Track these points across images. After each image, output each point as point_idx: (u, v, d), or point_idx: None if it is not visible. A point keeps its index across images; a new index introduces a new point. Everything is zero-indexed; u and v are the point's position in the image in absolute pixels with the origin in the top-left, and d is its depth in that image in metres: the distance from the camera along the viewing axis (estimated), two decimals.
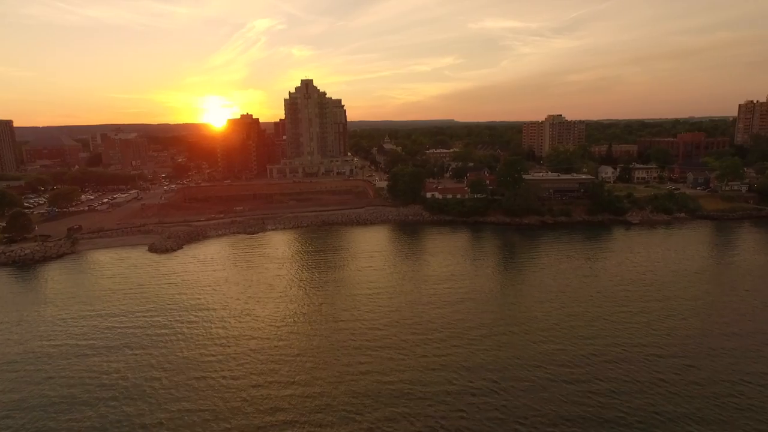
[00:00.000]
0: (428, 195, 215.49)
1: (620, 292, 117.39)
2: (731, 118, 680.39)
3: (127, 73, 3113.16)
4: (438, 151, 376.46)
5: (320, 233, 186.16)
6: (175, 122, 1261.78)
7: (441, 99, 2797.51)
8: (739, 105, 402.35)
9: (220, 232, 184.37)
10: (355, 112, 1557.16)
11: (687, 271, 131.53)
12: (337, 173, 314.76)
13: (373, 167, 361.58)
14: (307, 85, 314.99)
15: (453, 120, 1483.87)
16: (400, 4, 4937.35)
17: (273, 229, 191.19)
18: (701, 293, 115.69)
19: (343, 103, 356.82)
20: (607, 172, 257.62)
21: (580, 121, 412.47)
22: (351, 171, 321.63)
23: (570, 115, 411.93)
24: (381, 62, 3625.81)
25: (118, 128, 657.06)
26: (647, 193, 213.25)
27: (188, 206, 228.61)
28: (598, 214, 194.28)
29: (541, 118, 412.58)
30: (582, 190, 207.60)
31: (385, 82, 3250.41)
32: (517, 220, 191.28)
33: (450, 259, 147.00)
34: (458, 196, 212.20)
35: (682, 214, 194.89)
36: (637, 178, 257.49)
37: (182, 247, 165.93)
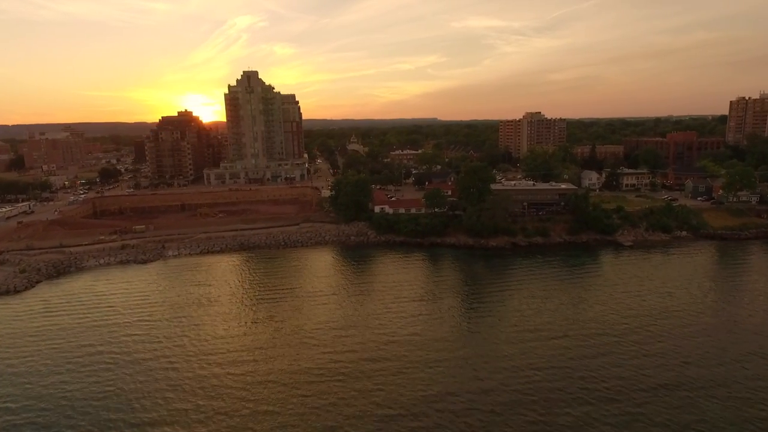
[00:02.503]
0: (378, 209, 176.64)
1: (605, 359, 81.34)
2: (710, 117, 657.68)
3: (103, 71, 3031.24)
4: (404, 152, 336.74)
5: (233, 261, 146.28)
6: (153, 121, 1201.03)
7: (425, 97, 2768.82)
8: (731, 102, 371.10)
9: (102, 261, 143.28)
10: (339, 111, 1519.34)
11: (698, 322, 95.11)
12: (285, 178, 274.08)
13: (332, 171, 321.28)
14: (249, 77, 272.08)
15: (436, 119, 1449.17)
16: (383, 2, 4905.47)
17: (174, 256, 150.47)
18: (728, 360, 78.95)
19: (296, 99, 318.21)
20: (592, 179, 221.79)
21: (561, 119, 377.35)
22: (302, 176, 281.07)
23: (552, 114, 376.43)
24: (365, 60, 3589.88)
25: (68, 127, 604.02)
26: (640, 205, 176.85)
27: (85, 223, 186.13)
28: (581, 234, 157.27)
29: (522, 116, 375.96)
30: (562, 203, 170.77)
31: (369, 80, 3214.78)
32: (483, 242, 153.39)
33: (386, 303, 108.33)
34: (413, 210, 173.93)
35: (684, 233, 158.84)
36: (626, 184, 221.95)
37: (36, 285, 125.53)
